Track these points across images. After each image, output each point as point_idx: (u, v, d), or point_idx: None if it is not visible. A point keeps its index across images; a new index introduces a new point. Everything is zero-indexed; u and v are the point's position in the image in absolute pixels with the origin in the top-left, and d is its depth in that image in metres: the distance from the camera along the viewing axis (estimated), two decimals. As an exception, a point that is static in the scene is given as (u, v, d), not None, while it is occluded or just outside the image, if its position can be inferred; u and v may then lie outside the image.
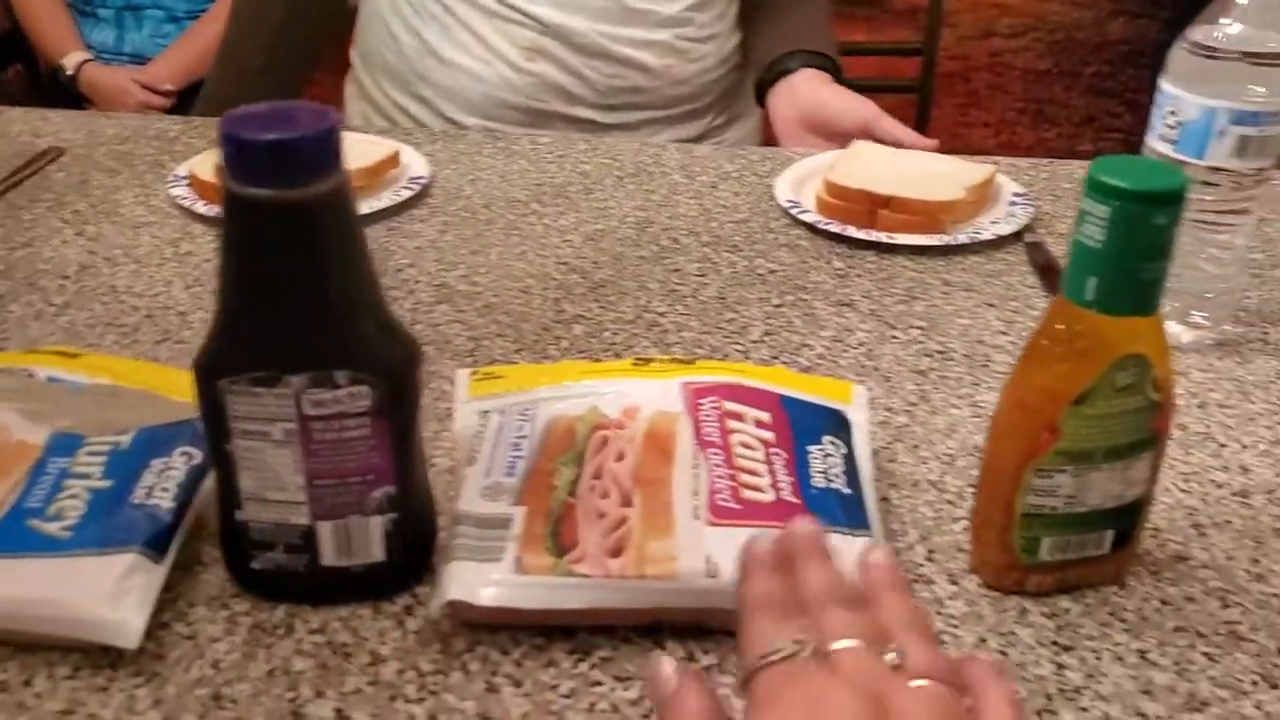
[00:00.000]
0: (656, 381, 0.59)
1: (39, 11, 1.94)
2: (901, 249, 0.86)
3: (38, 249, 0.83)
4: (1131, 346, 0.49)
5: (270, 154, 0.43)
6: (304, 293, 0.46)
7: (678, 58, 1.12)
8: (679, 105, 1.15)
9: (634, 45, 1.10)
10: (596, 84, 1.11)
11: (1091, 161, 0.47)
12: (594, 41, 1.09)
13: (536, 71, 1.10)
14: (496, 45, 1.10)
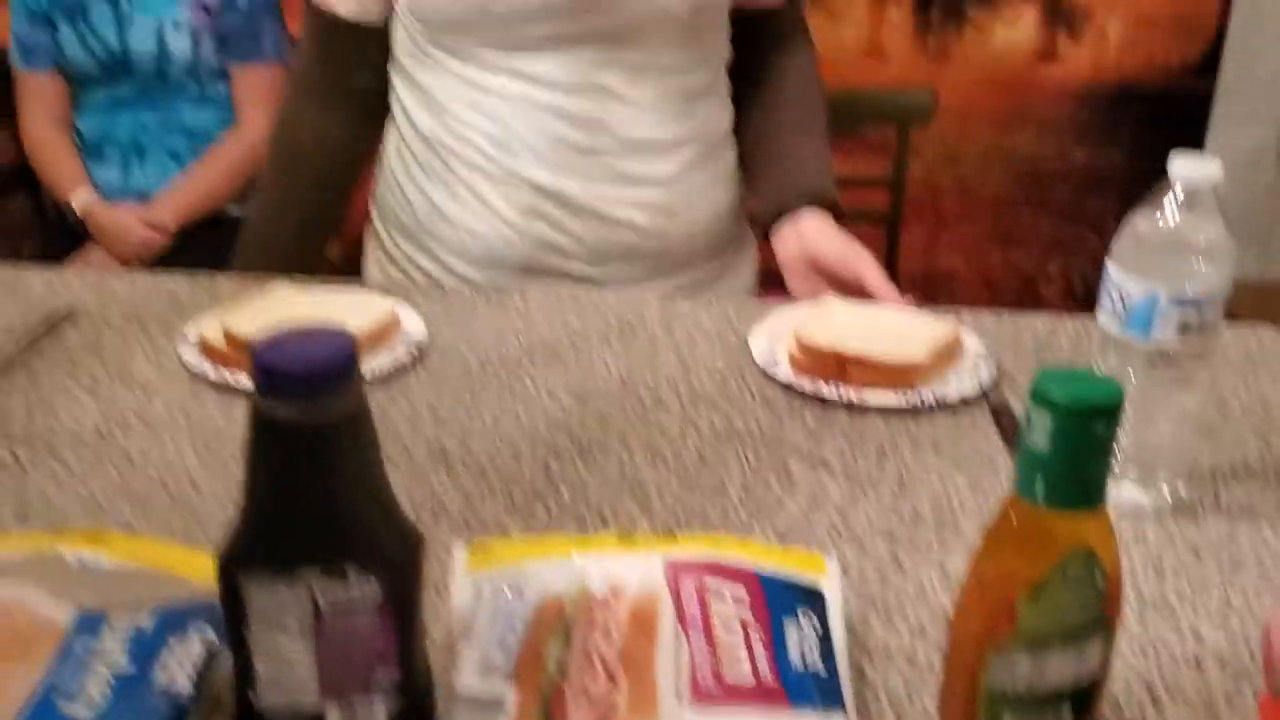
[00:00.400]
0: (640, 557, 0.63)
1: (49, 152, 2.02)
2: (873, 409, 0.91)
3: (56, 414, 0.87)
4: (1079, 539, 0.53)
5: (295, 379, 0.48)
6: (321, 498, 0.50)
7: (669, 218, 1.19)
8: (671, 260, 1.21)
9: (625, 206, 1.16)
10: (589, 242, 1.17)
11: (1036, 373, 0.52)
12: (587, 203, 1.15)
13: (533, 231, 1.16)
14: (496, 205, 1.16)
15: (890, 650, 0.65)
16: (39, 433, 0.85)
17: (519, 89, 1.13)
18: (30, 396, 0.90)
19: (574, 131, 1.14)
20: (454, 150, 1.17)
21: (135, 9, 1.94)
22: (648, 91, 1.14)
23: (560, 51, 1.11)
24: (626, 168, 1.16)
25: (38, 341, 0.98)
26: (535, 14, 1.09)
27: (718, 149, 1.24)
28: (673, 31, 1.13)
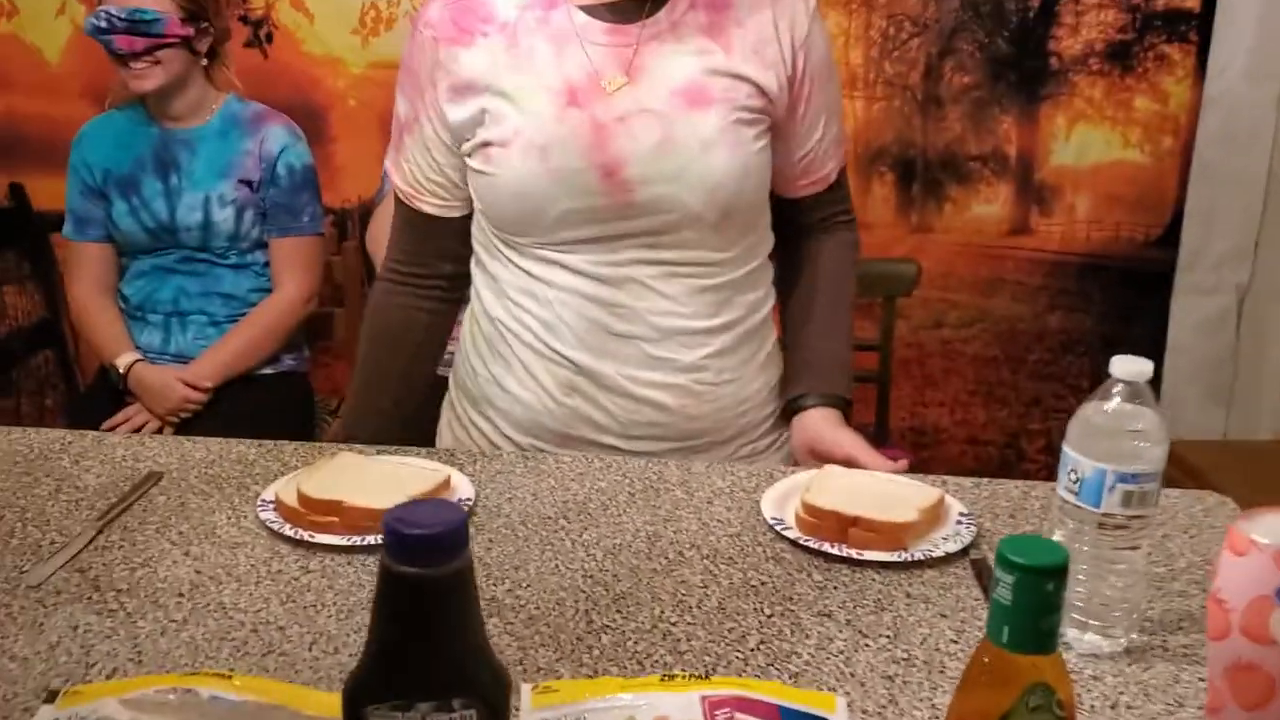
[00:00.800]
0: (679, 695, 0.76)
1: (96, 317, 2.17)
2: (870, 564, 1.04)
3: (154, 568, 1.00)
4: (1038, 676, 0.66)
5: (421, 545, 0.61)
6: (435, 642, 0.63)
7: (694, 399, 1.33)
8: (698, 439, 1.34)
9: (653, 387, 1.31)
10: (620, 419, 1.31)
11: (1001, 541, 0.66)
12: (618, 383, 1.30)
13: (571, 405, 1.31)
14: (542, 380, 1.32)
15: (889, 775, 0.77)
16: (141, 586, 0.97)
17: (565, 280, 1.30)
18: (129, 553, 1.03)
19: (610, 318, 1.29)
20: (511, 330, 1.33)
21: (185, 184, 2.11)
22: (677, 287, 1.30)
23: (601, 249, 1.28)
24: (656, 353, 1.31)
25: (130, 503, 1.11)
26: (580, 217, 1.26)
27: (749, 338, 1.38)
28: (701, 234, 1.29)
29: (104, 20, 2.00)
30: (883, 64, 2.74)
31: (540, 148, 1.25)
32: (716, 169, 1.26)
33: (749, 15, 1.29)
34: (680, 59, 1.27)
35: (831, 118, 1.38)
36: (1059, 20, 2.70)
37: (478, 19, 1.30)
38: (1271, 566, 0.65)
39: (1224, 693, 0.68)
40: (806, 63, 1.31)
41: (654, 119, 1.25)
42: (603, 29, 1.27)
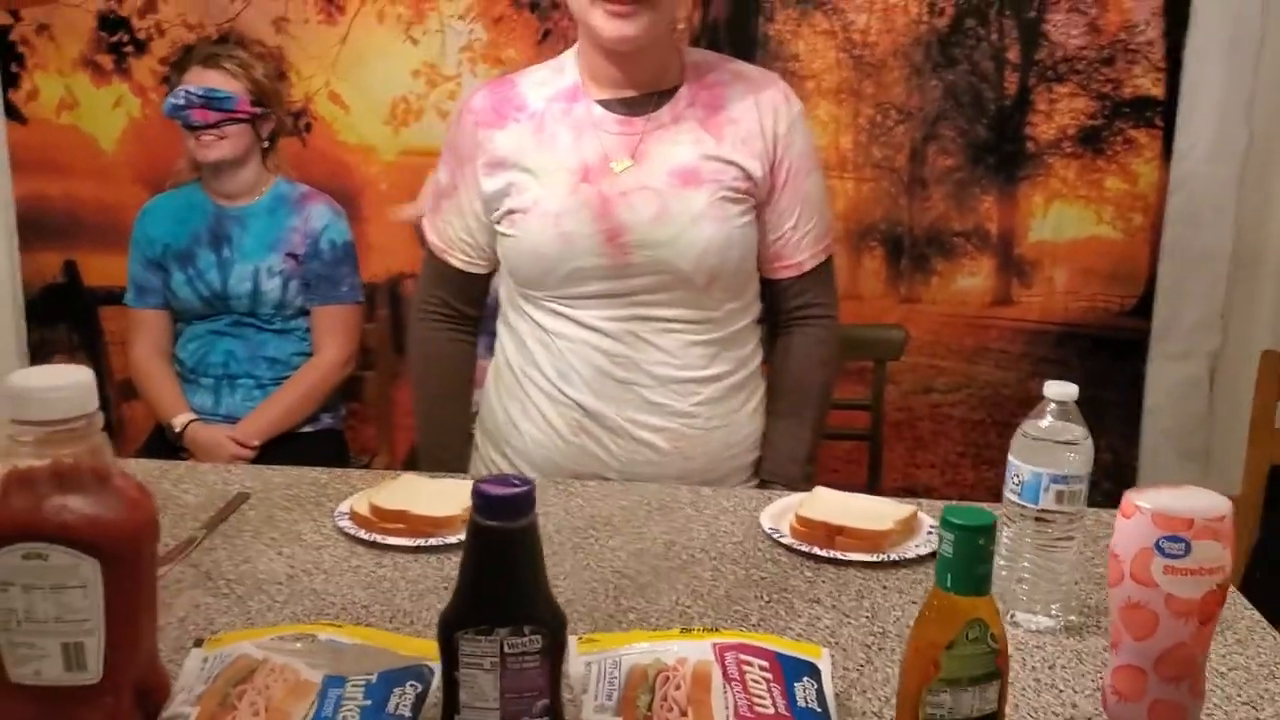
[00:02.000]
0: (696, 642, 0.95)
1: (154, 380, 2.38)
2: (853, 564, 1.23)
3: (254, 564, 1.19)
4: (975, 614, 0.85)
5: (502, 504, 0.81)
6: (511, 580, 0.82)
7: (686, 442, 1.53)
8: (691, 478, 1.53)
9: (650, 430, 1.52)
10: (621, 459, 1.52)
11: (944, 509, 0.85)
12: (619, 425, 1.51)
13: (578, 443, 1.52)
14: (553, 421, 1.52)
15: (865, 711, 0.95)
16: (246, 576, 1.17)
17: (574, 332, 1.52)
18: (231, 553, 1.22)
19: (613, 366, 1.51)
20: (528, 376, 1.54)
21: (236, 257, 2.33)
22: (671, 341, 1.52)
23: (605, 305, 1.50)
24: (653, 398, 1.52)
25: (226, 516, 1.31)
26: (586, 275, 1.49)
27: (737, 389, 1.58)
28: (691, 294, 1.51)
29: (182, 98, 2.25)
30: (870, 148, 2.98)
31: (555, 215, 1.48)
32: (703, 238, 1.47)
33: (740, 114, 1.52)
34: (678, 146, 1.50)
35: (808, 213, 1.58)
36: (1034, 108, 2.93)
37: (513, 107, 1.54)
38: (1151, 525, 0.84)
39: (1120, 628, 0.87)
40: (786, 155, 1.54)
41: (652, 195, 1.47)
42: (615, 120, 1.51)
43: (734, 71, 1.57)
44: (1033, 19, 2.88)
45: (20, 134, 3.05)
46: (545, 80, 1.57)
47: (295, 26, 2.93)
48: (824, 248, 1.62)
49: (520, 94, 1.56)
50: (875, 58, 2.93)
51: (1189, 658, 0.85)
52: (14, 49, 3.00)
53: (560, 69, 1.57)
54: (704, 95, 1.53)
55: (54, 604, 0.82)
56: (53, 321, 3.18)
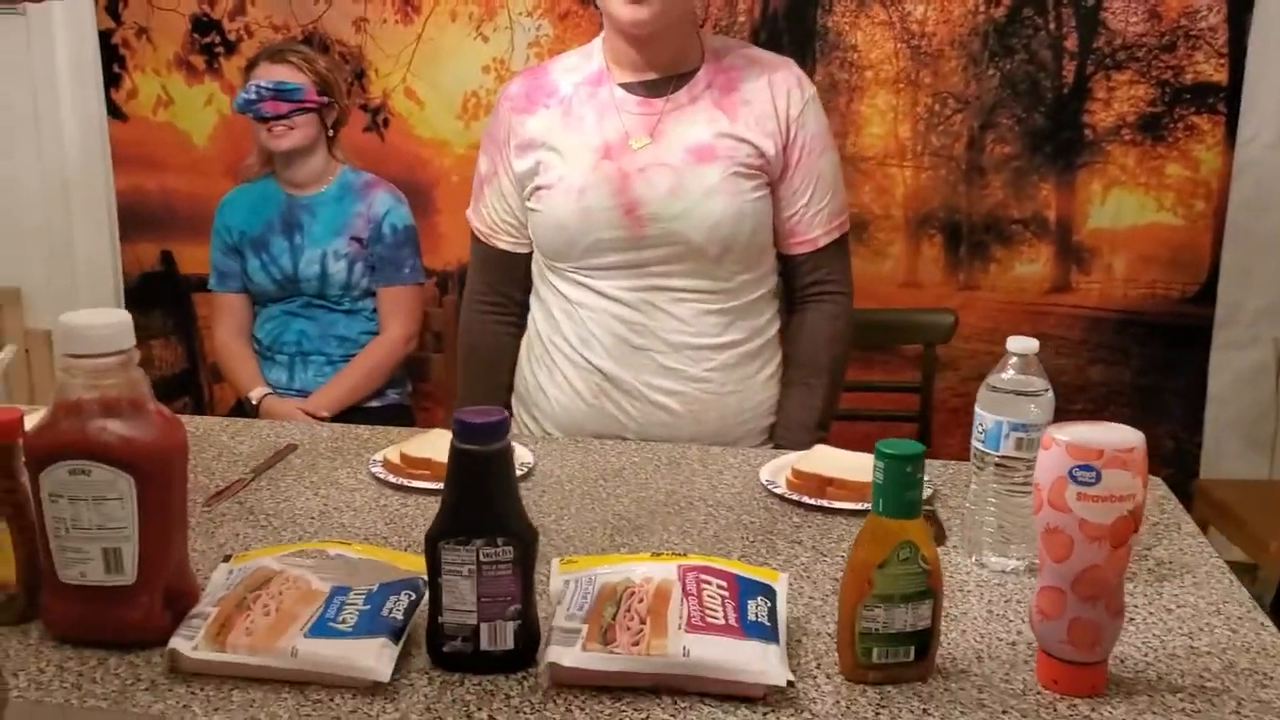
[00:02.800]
0: (664, 564, 1.05)
1: (235, 359, 2.56)
2: (840, 512, 1.32)
3: (293, 502, 1.33)
4: (905, 535, 0.93)
5: (477, 429, 0.92)
6: (487, 498, 0.93)
7: (700, 406, 1.63)
8: (704, 441, 1.61)
9: (665, 394, 1.62)
10: (639, 421, 1.62)
11: (877, 443, 0.94)
12: (636, 389, 1.61)
13: (598, 406, 1.62)
14: (576, 385, 1.63)
15: (819, 631, 1.04)
16: (283, 512, 1.30)
17: (595, 301, 1.63)
18: (274, 493, 1.36)
19: (631, 334, 1.62)
20: (554, 344, 1.66)
21: (306, 242, 2.49)
22: (686, 310, 1.62)
23: (623, 275, 1.61)
24: (668, 364, 1.63)
25: (274, 463, 1.45)
26: (605, 246, 1.60)
27: (751, 357, 1.68)
28: (704, 265, 1.60)
29: (253, 92, 2.41)
30: (929, 137, 3.03)
31: (578, 189, 1.59)
32: (715, 210, 1.57)
33: (753, 94, 1.62)
34: (694, 125, 1.60)
35: (822, 191, 1.66)
36: (1092, 95, 2.95)
37: (544, 93, 1.66)
38: (1065, 456, 0.92)
39: (1043, 553, 0.95)
40: (799, 134, 1.63)
41: (668, 170, 1.58)
42: (635, 101, 1.62)
43: (750, 56, 1.66)
44: (1091, 7, 2.90)
45: (121, 131, 3.26)
46: (575, 66, 1.68)
47: (374, 26, 3.09)
48: (838, 225, 1.70)
49: (552, 80, 1.67)
50: (933, 48, 2.98)
51: (1103, 579, 0.92)
52: (116, 51, 3.22)
53: (589, 55, 1.68)
54: (720, 78, 1.63)
55: (96, 513, 0.96)
56: (149, 307, 3.39)
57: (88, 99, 3.24)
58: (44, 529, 0.98)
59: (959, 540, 1.24)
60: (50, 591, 1.00)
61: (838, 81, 3.00)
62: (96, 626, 0.99)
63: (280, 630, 0.95)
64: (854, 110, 3.01)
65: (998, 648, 1.03)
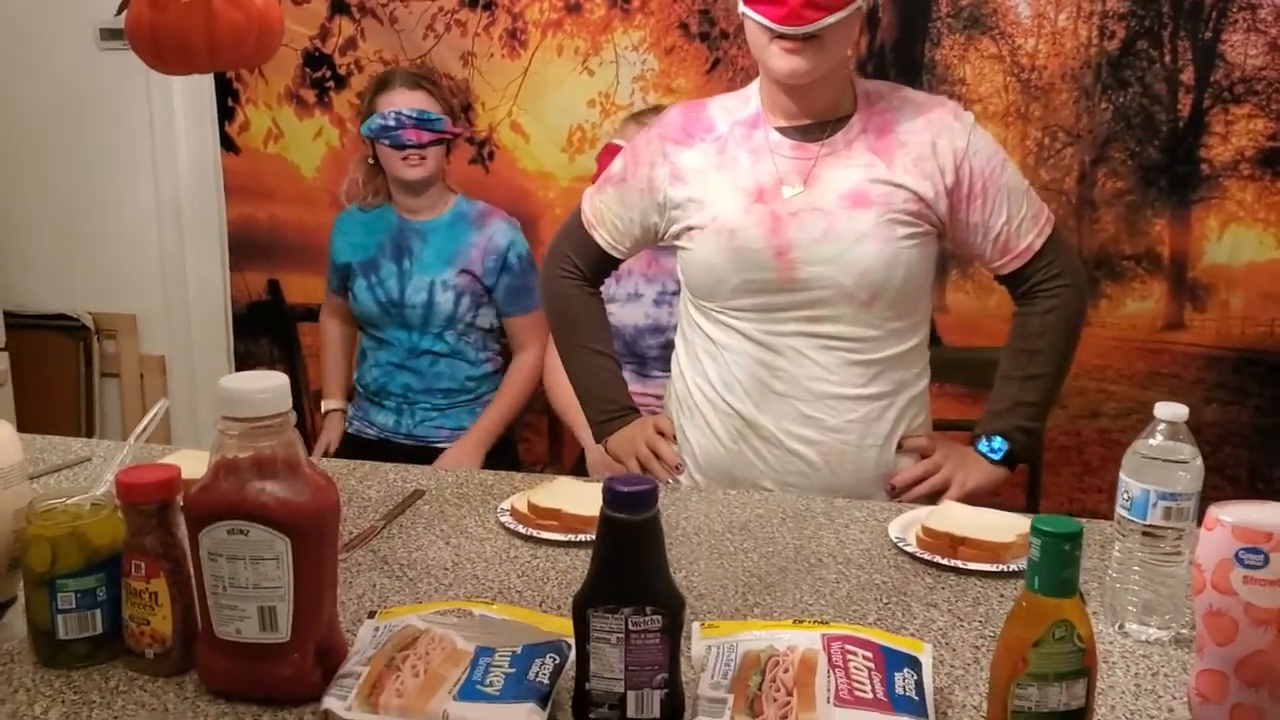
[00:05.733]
0: (807, 633, 1.04)
1: (333, 356, 2.74)
2: (973, 573, 1.30)
3: (425, 552, 1.34)
4: (1061, 615, 0.92)
5: (628, 498, 0.92)
6: (636, 567, 0.94)
7: (838, 457, 1.62)
8: (840, 492, 1.60)
9: (803, 442, 1.61)
10: (775, 466, 1.62)
11: (1033, 518, 0.92)
12: (774, 435, 1.61)
13: (737, 450, 1.62)
14: (715, 429, 1.63)
15: (965, 704, 1.03)
16: (417, 562, 1.32)
17: (738, 344, 1.64)
18: (405, 542, 1.38)
19: (772, 379, 1.61)
20: (698, 386, 1.69)
21: (415, 269, 2.52)
22: (830, 358, 1.61)
23: (768, 319, 1.61)
24: (808, 411, 1.62)
25: (402, 511, 1.46)
26: (753, 288, 1.61)
27: (890, 410, 1.65)
28: (853, 311, 1.59)
29: (392, 119, 2.43)
30: (1038, 171, 2.98)
31: (730, 231, 1.60)
32: (866, 256, 1.56)
33: (910, 137, 1.60)
34: (848, 170, 1.59)
35: (1017, 201, 1.64)
36: (1209, 130, 2.88)
37: (701, 128, 1.68)
38: (1231, 538, 0.89)
39: (1204, 634, 0.92)
40: (970, 164, 1.60)
41: (821, 215, 1.58)
42: (790, 146, 1.62)
43: (903, 98, 1.65)
44: (1209, 40, 2.84)
45: (233, 162, 3.34)
46: (732, 108, 1.69)
47: (481, 61, 3.13)
48: (1045, 222, 1.67)
49: (709, 116, 1.69)
50: (1043, 81, 2.94)
51: (1268, 664, 0.89)
52: (229, 85, 3.30)
53: (746, 99, 1.69)
54: (876, 121, 1.62)
55: (253, 572, 0.98)
56: (256, 335, 3.46)
57: (203, 131, 3.33)
58: (201, 585, 1.00)
59: (1099, 606, 1.21)
60: (205, 646, 1.02)
61: (945, 115, 2.97)
62: (250, 682, 1.01)
63: (430, 692, 0.96)
64: (961, 144, 2.97)
65: (1151, 727, 1.00)
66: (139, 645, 1.06)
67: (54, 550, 1.05)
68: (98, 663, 1.07)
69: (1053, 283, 1.68)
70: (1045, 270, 1.67)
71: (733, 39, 3.03)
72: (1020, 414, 1.66)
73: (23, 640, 1.11)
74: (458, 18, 3.12)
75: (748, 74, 3.03)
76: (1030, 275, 1.67)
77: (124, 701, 1.01)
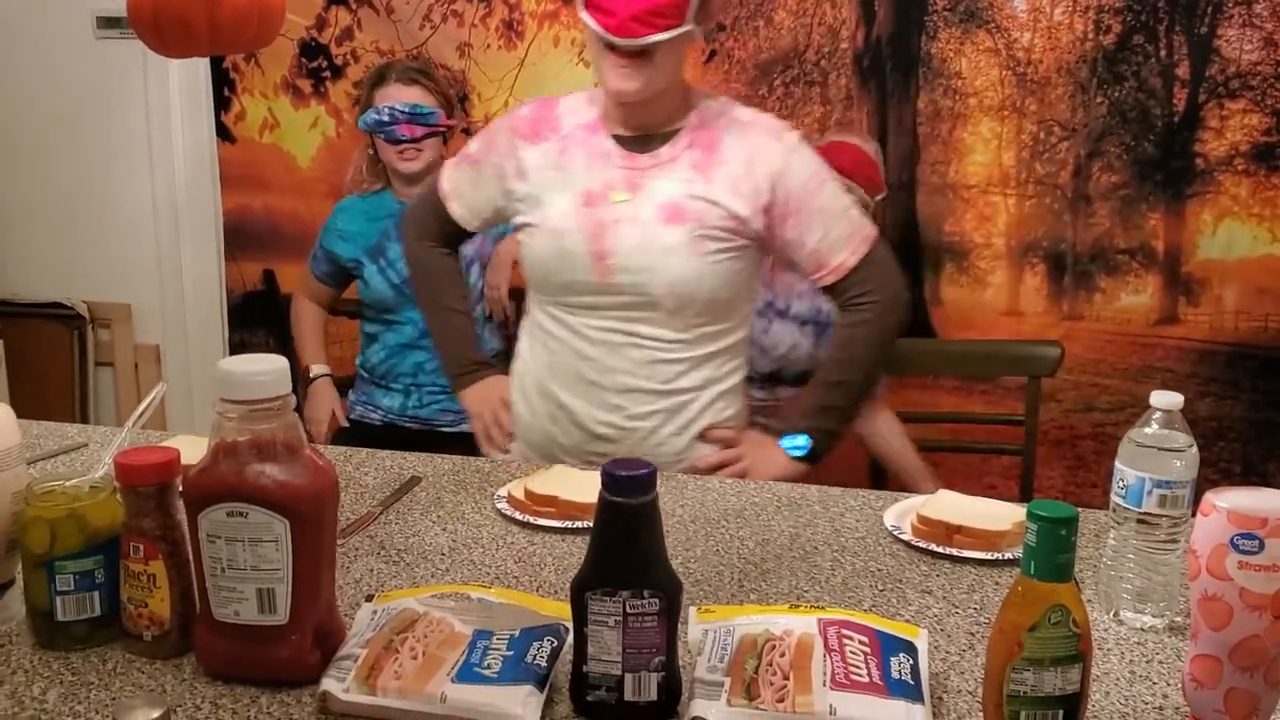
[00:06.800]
0: (803, 617, 1.04)
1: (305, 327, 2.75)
2: (969, 561, 1.30)
3: (422, 537, 1.35)
4: (1056, 600, 0.92)
5: (627, 482, 0.93)
6: (634, 550, 0.94)
7: (636, 444, 1.74)
8: None
9: (607, 427, 1.75)
10: (580, 446, 1.76)
11: (1029, 503, 0.93)
12: (581, 420, 1.75)
13: (550, 430, 1.79)
14: (536, 407, 1.80)
15: (960, 689, 1.03)
16: (414, 547, 1.32)
17: (564, 334, 1.74)
18: (403, 528, 1.38)
19: (587, 369, 1.72)
20: (529, 367, 1.80)
21: None
22: (639, 354, 1.71)
23: (589, 315, 1.71)
24: (615, 401, 1.72)
25: (399, 496, 1.47)
26: (576, 287, 1.71)
27: (694, 404, 1.74)
28: (662, 316, 1.69)
29: (387, 114, 2.45)
30: (1033, 165, 2.99)
31: (558, 232, 1.70)
32: (674, 268, 1.66)
33: (732, 155, 1.69)
34: (670, 183, 1.68)
35: (832, 223, 1.72)
36: (1204, 124, 2.89)
37: (548, 127, 1.76)
38: (1227, 523, 0.90)
39: (1198, 619, 0.93)
40: (784, 186, 1.69)
41: (639, 226, 1.67)
42: (622, 154, 1.71)
43: (732, 117, 1.73)
44: (1205, 35, 2.85)
45: (229, 152, 3.34)
46: (578, 110, 1.77)
47: (478, 52, 3.13)
48: (860, 240, 1.75)
49: (557, 116, 1.77)
50: (1039, 75, 2.94)
51: (1262, 649, 0.90)
52: (226, 74, 3.30)
53: (593, 101, 1.77)
54: (702, 137, 1.70)
55: (251, 554, 0.98)
56: (252, 325, 3.46)
57: (199, 121, 3.33)
58: (200, 567, 1.00)
59: (1093, 594, 1.22)
60: (203, 628, 1.02)
61: (941, 108, 2.98)
62: (248, 664, 1.01)
63: (428, 674, 0.97)
64: (957, 137, 2.98)
65: (1144, 712, 1.01)
66: (137, 627, 1.06)
67: (53, 532, 1.06)
68: (96, 644, 1.07)
69: (864, 298, 1.75)
70: (859, 286, 1.75)
71: (729, 31, 3.03)
72: (825, 417, 1.77)
73: (21, 622, 1.11)
74: (454, 8, 3.12)
75: (744, 66, 3.04)
76: (846, 289, 1.75)
77: (122, 683, 1.02)
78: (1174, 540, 1.15)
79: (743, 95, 3.04)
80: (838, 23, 2.97)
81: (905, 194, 3.04)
